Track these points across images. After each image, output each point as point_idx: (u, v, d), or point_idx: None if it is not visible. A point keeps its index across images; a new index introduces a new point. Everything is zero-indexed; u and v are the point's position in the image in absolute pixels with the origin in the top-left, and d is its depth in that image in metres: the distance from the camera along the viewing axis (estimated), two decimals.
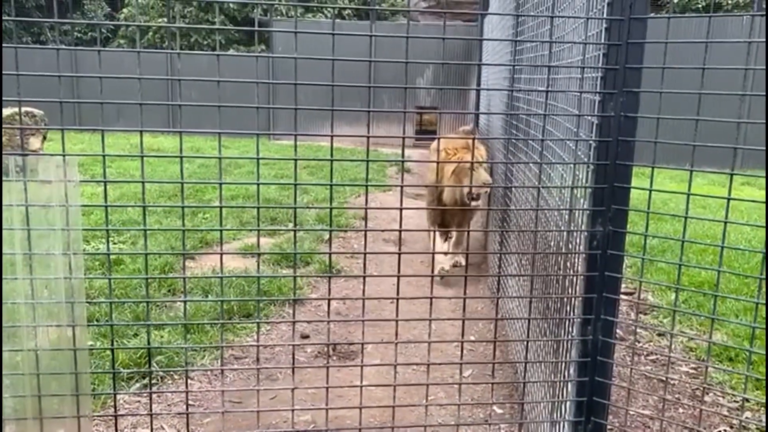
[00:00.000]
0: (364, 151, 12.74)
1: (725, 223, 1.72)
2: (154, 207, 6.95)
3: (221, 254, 1.65)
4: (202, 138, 15.13)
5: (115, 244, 5.90)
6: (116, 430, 1.75)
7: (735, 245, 6.40)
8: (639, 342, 4.25)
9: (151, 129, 1.67)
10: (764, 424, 3.29)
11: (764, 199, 1.71)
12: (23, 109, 8.97)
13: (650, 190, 1.80)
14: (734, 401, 3.54)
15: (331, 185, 1.73)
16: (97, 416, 2.93)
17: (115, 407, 1.78)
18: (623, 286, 5.01)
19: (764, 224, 1.65)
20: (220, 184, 1.70)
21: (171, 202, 7.63)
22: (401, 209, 1.80)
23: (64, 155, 1.67)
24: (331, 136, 1.68)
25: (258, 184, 1.71)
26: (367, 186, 1.75)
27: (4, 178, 1.62)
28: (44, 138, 8.43)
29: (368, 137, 1.74)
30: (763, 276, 1.72)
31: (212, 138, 14.94)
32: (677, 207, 8.05)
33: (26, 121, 8.85)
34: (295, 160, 1.69)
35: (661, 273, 5.60)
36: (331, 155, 1.71)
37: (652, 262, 5.80)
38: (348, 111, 1.49)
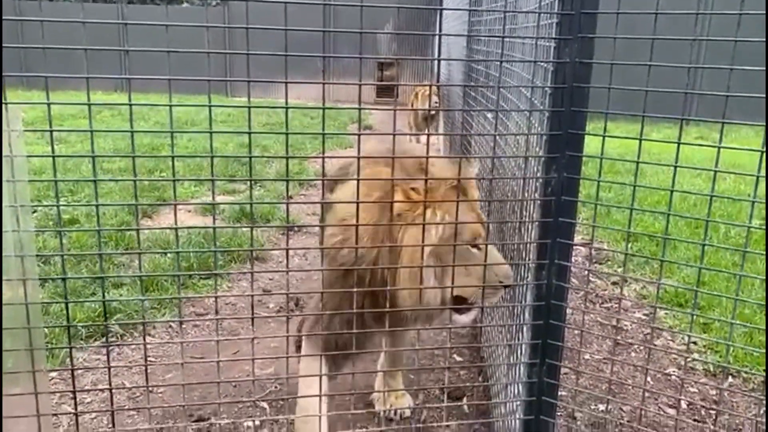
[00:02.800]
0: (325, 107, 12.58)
1: (675, 167, 1.76)
2: (105, 156, 6.77)
3: (175, 204, 1.62)
4: (157, 95, 14.69)
5: (69, 203, 5.75)
6: (73, 384, 1.73)
7: (689, 200, 6.59)
8: (593, 291, 4.38)
9: (99, 76, 1.60)
10: (710, 363, 3.45)
11: (712, 144, 1.75)
12: None
13: (603, 136, 1.83)
14: (683, 343, 3.70)
15: (287, 133, 1.70)
16: (54, 371, 2.90)
17: (71, 361, 1.76)
18: (578, 237, 5.13)
19: (712, 169, 1.70)
20: (172, 132, 1.66)
21: (121, 167, 7.45)
22: (358, 157, 1.79)
23: (5, 103, 1.60)
24: (286, 83, 1.65)
25: (211, 133, 1.68)
26: (323, 134, 1.73)
27: None
28: None
29: (324, 84, 1.71)
30: (709, 218, 1.78)
31: (167, 94, 14.50)
32: (633, 165, 8.20)
33: None
34: (249, 108, 1.66)
35: (616, 225, 5.74)
36: (286, 103, 1.68)
37: (608, 213, 5.95)
38: (304, 57, 1.45)
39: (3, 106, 1.61)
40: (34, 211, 5.20)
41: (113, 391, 2.97)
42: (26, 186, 1.70)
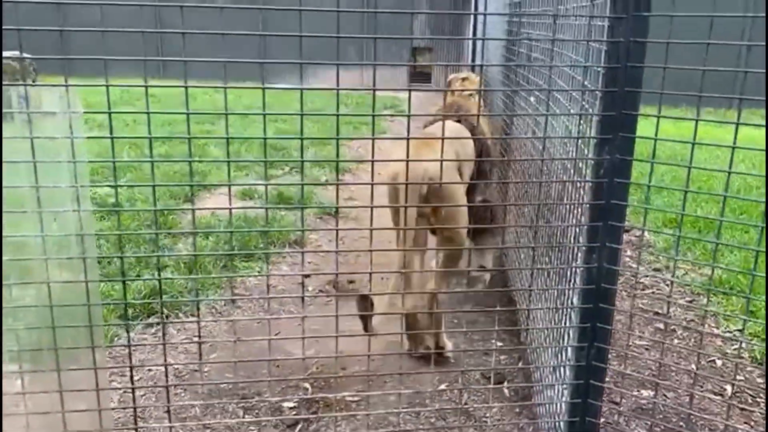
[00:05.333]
0: (359, 95, 12.60)
1: (733, 148, 1.72)
2: (161, 138, 6.89)
3: (229, 185, 1.65)
4: (195, 81, 14.86)
5: (112, 188, 5.87)
6: (130, 359, 1.78)
7: (733, 184, 6.44)
8: (636, 276, 4.32)
9: (153, 59, 1.63)
10: (756, 353, 3.38)
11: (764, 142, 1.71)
12: (9, 53, 8.79)
13: (658, 117, 1.80)
14: (727, 331, 3.63)
15: (337, 115, 1.72)
16: (108, 347, 2.99)
17: (128, 338, 1.81)
18: None
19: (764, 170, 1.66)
20: (227, 114, 1.68)
21: (166, 148, 7.56)
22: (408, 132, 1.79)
23: (66, 85, 1.64)
24: (338, 64, 1.66)
25: (264, 115, 1.70)
26: (373, 115, 1.74)
27: (6, 110, 1.60)
28: (33, 82, 8.27)
29: (374, 65, 1.72)
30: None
31: (206, 83, 14.69)
32: (675, 151, 8.03)
33: (13, 65, 8.66)
34: (301, 89, 1.68)
35: (657, 213, 5.64)
36: (337, 85, 1.69)
37: (648, 201, 5.84)
38: (350, 38, 1.46)
39: (62, 88, 1.65)
40: None
41: (162, 369, 3.06)
42: (86, 167, 1.75)
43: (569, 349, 2.10)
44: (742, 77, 1.78)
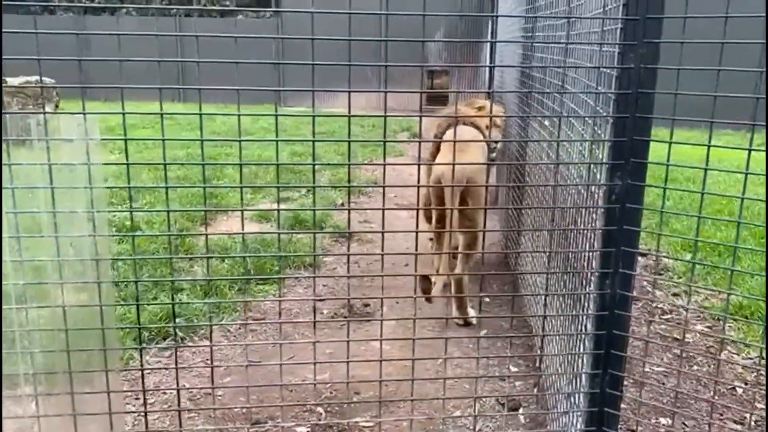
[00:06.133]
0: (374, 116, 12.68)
1: (746, 174, 1.71)
2: (175, 164, 6.98)
3: (242, 210, 1.67)
4: (214, 106, 15.09)
5: (129, 212, 5.94)
6: (143, 383, 1.79)
7: (753, 208, 6.37)
8: (653, 302, 4.27)
9: (171, 86, 1.67)
10: None
11: None
12: (33, 77, 8.99)
13: (670, 143, 1.79)
14: (748, 358, 3.57)
15: (348, 141, 1.73)
16: (122, 371, 3.00)
17: (141, 362, 1.82)
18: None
19: None
20: (240, 141, 1.71)
21: (184, 170, 7.66)
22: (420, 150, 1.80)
23: (84, 113, 1.68)
24: (349, 92, 1.68)
25: (277, 141, 1.72)
26: (384, 141, 1.75)
27: (26, 137, 1.64)
28: (56, 106, 8.47)
29: (388, 92, 1.74)
30: None
31: (224, 107, 14.91)
32: (693, 172, 7.96)
33: (36, 90, 8.86)
34: (313, 116, 1.70)
35: (675, 234, 5.58)
36: (349, 111, 1.71)
37: (666, 225, 5.79)
38: (362, 66, 1.49)
39: (75, 115, 1.69)
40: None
41: (175, 392, 3.06)
42: (102, 193, 1.78)
43: (583, 375, 2.08)
44: (757, 100, 1.77)
